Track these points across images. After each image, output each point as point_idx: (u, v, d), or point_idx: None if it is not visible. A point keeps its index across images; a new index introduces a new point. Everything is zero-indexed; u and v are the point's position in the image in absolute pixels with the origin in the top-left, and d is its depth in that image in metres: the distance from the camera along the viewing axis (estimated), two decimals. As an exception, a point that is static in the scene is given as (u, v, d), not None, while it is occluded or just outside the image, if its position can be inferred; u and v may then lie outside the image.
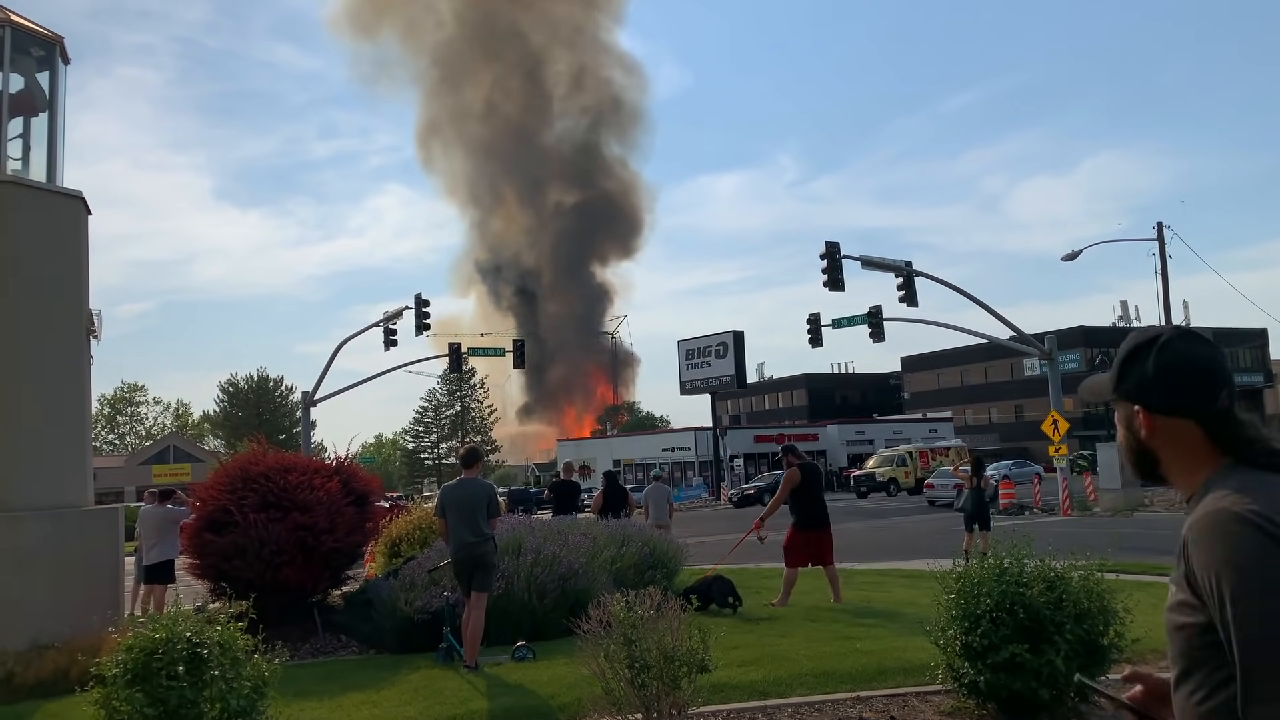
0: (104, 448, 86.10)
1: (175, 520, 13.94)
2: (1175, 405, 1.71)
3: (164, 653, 5.14)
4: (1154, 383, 1.73)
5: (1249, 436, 1.67)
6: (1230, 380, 1.71)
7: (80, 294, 11.35)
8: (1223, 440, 1.68)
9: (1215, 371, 1.71)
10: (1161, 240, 33.10)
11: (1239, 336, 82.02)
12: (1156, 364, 1.73)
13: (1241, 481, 1.62)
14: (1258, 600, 1.49)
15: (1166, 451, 1.75)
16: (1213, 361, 1.71)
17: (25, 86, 11.65)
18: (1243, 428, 1.68)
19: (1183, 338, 1.75)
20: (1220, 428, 1.68)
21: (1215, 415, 1.68)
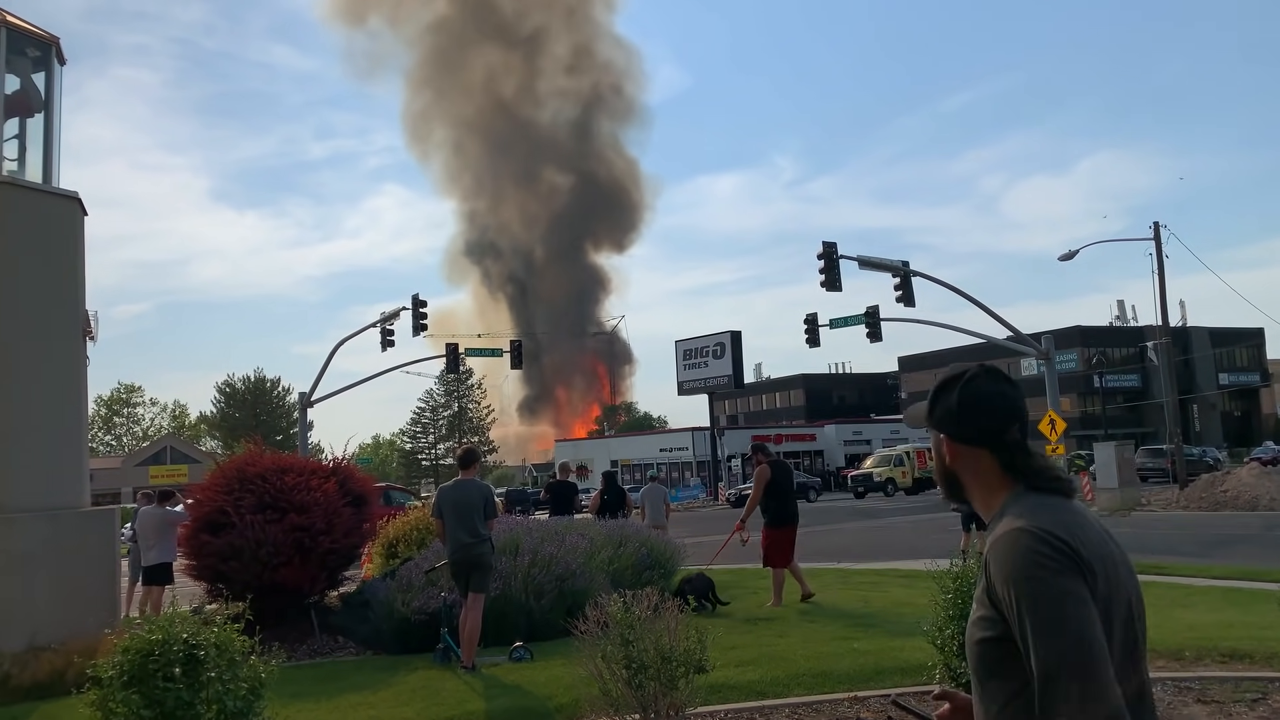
0: (101, 449, 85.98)
1: (174, 522, 13.91)
2: (972, 435, 1.89)
3: (160, 654, 5.12)
4: (956, 414, 1.90)
5: (1036, 466, 1.85)
6: (1022, 415, 1.90)
7: (76, 295, 11.33)
8: (1013, 468, 1.85)
9: (1009, 408, 1.89)
10: (1158, 240, 33.14)
11: (1235, 336, 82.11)
12: (959, 398, 1.91)
13: (1032, 504, 1.79)
14: (1048, 609, 1.63)
15: (966, 476, 1.93)
16: (1007, 399, 1.90)
17: (21, 87, 11.63)
18: (1031, 458, 1.86)
19: (984, 376, 1.93)
20: (1011, 457, 1.86)
21: (1007, 446, 1.86)
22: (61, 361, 10.88)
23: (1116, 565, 1.74)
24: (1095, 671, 1.59)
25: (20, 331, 10.51)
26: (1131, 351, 79.14)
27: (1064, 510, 1.78)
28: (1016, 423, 1.88)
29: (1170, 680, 6.94)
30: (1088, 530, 1.75)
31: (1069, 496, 1.82)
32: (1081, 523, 1.76)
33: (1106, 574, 1.71)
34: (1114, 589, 1.71)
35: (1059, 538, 1.69)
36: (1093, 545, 1.72)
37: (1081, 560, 1.68)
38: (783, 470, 12.24)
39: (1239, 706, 6.30)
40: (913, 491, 48.23)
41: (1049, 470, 1.84)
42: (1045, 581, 1.65)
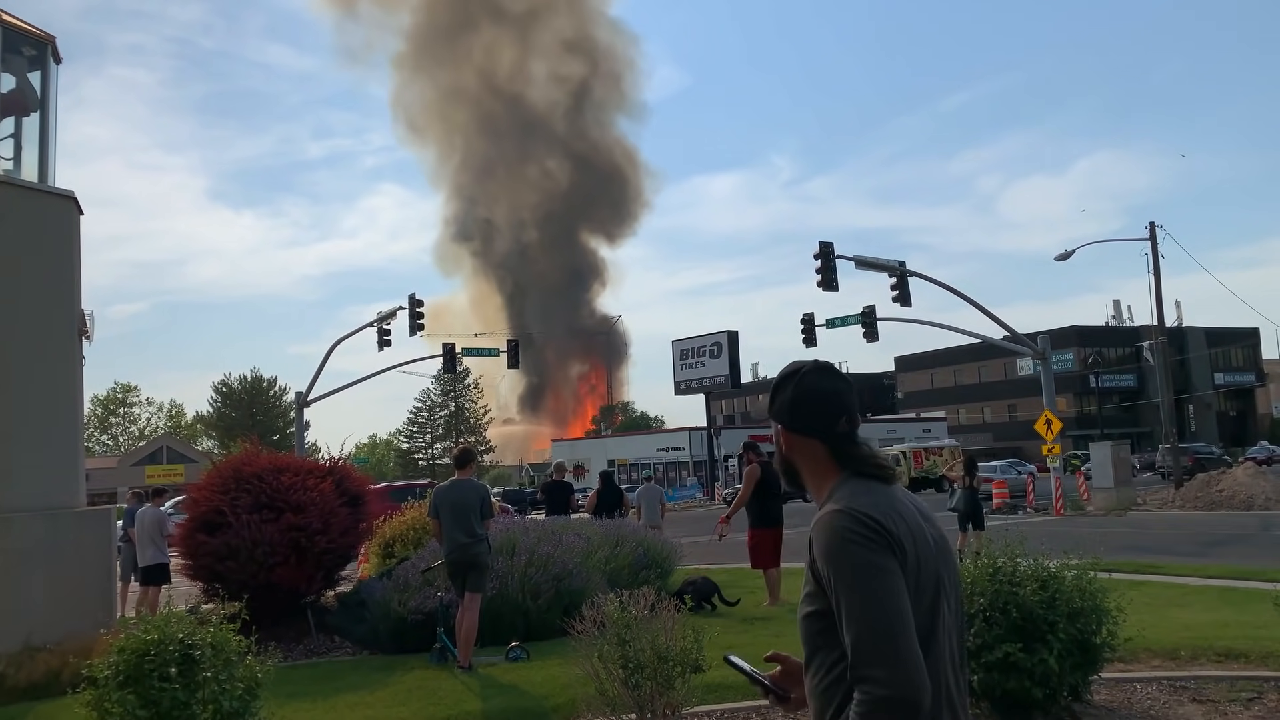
0: (97, 449, 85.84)
1: (162, 520, 13.96)
2: (805, 427, 2.06)
3: (156, 654, 5.12)
4: (790, 407, 2.08)
5: (862, 455, 2.02)
6: (851, 409, 2.07)
7: (72, 294, 11.31)
8: (841, 457, 2.02)
9: (839, 402, 2.06)
10: (1154, 240, 33.19)
11: (1231, 336, 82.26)
12: (794, 393, 2.08)
13: (853, 489, 1.97)
14: (858, 582, 1.80)
15: (801, 463, 2.09)
16: (837, 394, 2.07)
17: (17, 86, 11.61)
18: (857, 448, 2.03)
19: (816, 372, 2.10)
20: (839, 447, 2.03)
21: (836, 437, 2.04)
22: (57, 361, 10.86)
23: (928, 544, 1.91)
24: (899, 640, 1.75)
25: (16, 331, 10.49)
26: (1127, 351, 79.28)
27: (882, 494, 1.95)
28: (845, 415, 2.05)
29: (1166, 679, 6.95)
30: (902, 511, 1.92)
31: (889, 482, 2.00)
32: (896, 505, 1.94)
33: (917, 552, 1.87)
34: (923, 565, 1.87)
35: (872, 517, 1.86)
36: (905, 525, 1.89)
37: (892, 537, 1.84)
38: (773, 471, 12.24)
39: (1234, 706, 6.31)
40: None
41: (873, 458, 2.02)
42: (856, 556, 1.82)
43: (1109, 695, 6.57)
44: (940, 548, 1.96)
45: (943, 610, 1.90)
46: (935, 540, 1.96)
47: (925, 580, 1.87)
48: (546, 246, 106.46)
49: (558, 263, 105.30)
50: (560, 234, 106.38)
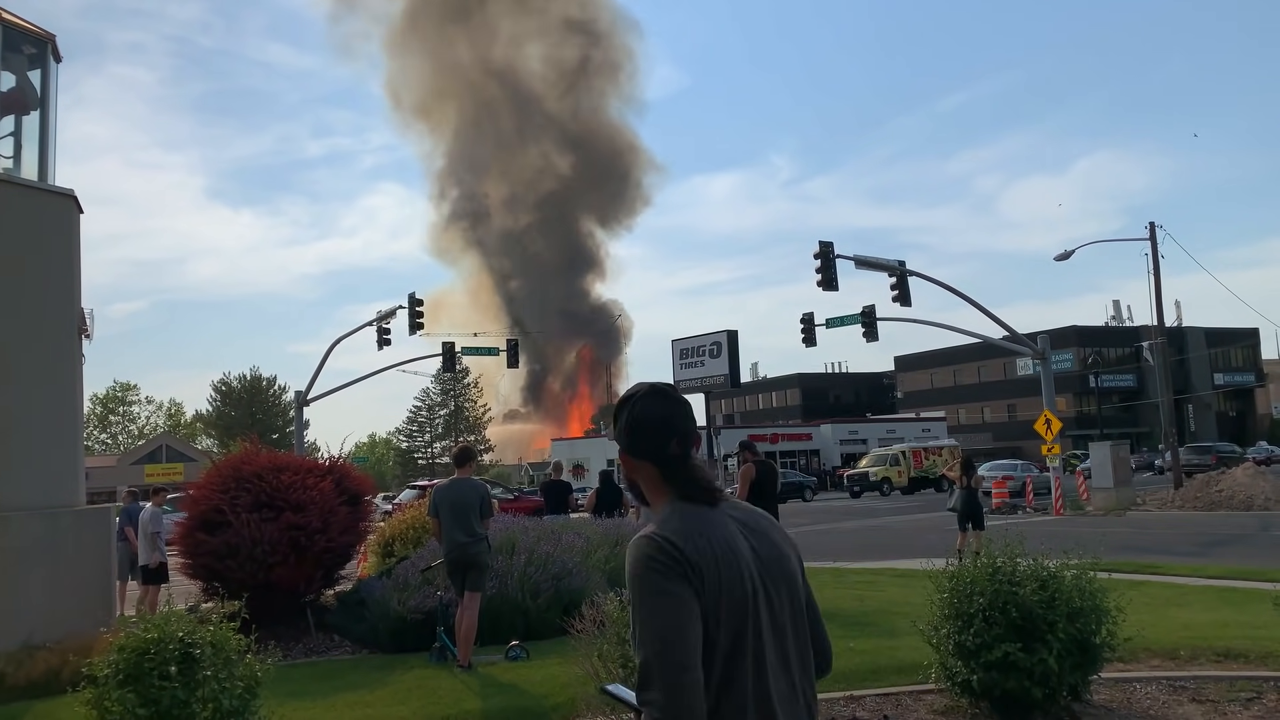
0: (96, 447, 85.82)
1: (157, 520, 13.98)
2: (638, 451, 2.11)
3: (156, 653, 5.12)
4: (625, 432, 2.13)
5: (691, 478, 2.07)
6: (681, 432, 2.10)
7: (72, 292, 11.31)
8: (672, 480, 2.07)
9: (667, 426, 2.10)
10: (1154, 240, 33.20)
11: (1230, 336, 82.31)
12: (627, 418, 2.13)
13: (669, 513, 2.03)
14: (646, 606, 1.88)
15: (642, 484, 2.14)
16: (667, 418, 2.11)
17: (16, 84, 11.61)
18: (689, 470, 2.07)
19: (648, 397, 2.14)
20: (670, 470, 2.08)
21: (666, 460, 2.08)
22: (57, 359, 10.86)
23: (739, 563, 1.96)
24: (675, 667, 1.83)
25: (15, 329, 10.48)
26: (1127, 351, 79.33)
27: (696, 518, 2.00)
28: (676, 438, 2.09)
29: (1165, 679, 6.96)
30: (713, 535, 1.97)
31: (713, 504, 2.04)
32: (710, 529, 1.98)
33: (721, 574, 1.92)
34: (729, 587, 1.92)
35: (672, 543, 1.92)
36: (712, 549, 1.94)
37: (689, 564, 1.90)
38: (767, 470, 12.25)
39: (1234, 706, 6.31)
40: (908, 491, 48.27)
41: (700, 482, 2.07)
42: (648, 582, 1.90)
43: (1108, 695, 6.57)
44: (770, 562, 2.02)
45: (762, 627, 1.96)
46: (765, 557, 2.02)
47: (734, 601, 1.92)
48: (544, 230, 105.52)
49: (555, 246, 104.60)
50: (558, 217, 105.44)
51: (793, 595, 2.07)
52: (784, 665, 2.00)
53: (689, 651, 1.85)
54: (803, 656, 2.07)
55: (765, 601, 1.98)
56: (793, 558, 2.11)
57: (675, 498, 2.06)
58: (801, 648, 2.07)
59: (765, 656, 1.96)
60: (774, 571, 2.03)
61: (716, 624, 1.90)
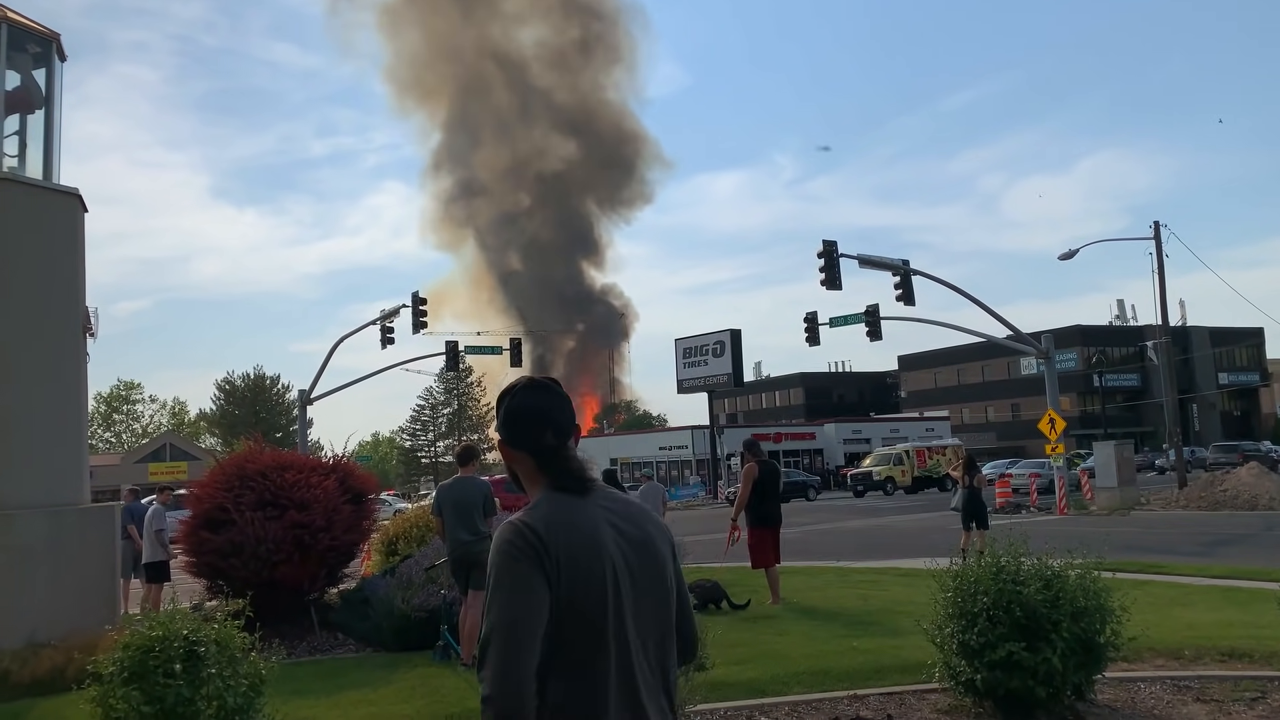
0: (100, 446, 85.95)
1: (160, 518, 14.05)
2: (515, 441, 2.20)
3: (161, 651, 5.13)
4: (503, 424, 2.23)
5: (564, 468, 2.15)
6: (556, 423, 2.19)
7: (76, 291, 11.33)
8: (547, 470, 2.16)
9: (542, 418, 2.19)
10: (1158, 239, 33.14)
11: (1235, 335, 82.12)
12: (504, 411, 2.24)
13: (538, 500, 2.13)
14: (496, 588, 1.99)
15: (519, 473, 2.23)
16: (543, 410, 2.20)
17: (21, 83, 11.62)
18: (562, 461, 2.16)
19: (525, 389, 2.25)
20: (544, 460, 2.17)
21: (541, 450, 2.17)
22: (61, 358, 10.88)
23: (602, 552, 2.04)
24: (509, 648, 1.93)
25: (20, 328, 10.51)
26: (1131, 351, 79.19)
27: (563, 506, 2.09)
28: (550, 430, 2.18)
29: (1169, 679, 6.95)
30: (579, 523, 2.06)
31: (584, 495, 2.13)
32: (574, 517, 2.07)
33: (579, 563, 2.01)
34: (588, 577, 2.00)
35: (533, 529, 2.02)
36: (575, 536, 2.03)
37: (546, 550, 1.99)
38: (770, 470, 12.28)
39: (1238, 705, 6.30)
40: (912, 490, 48.23)
41: (572, 473, 2.15)
42: (503, 566, 2.00)
43: (1113, 694, 6.57)
44: (638, 550, 2.11)
45: (625, 612, 2.05)
46: (633, 545, 2.11)
47: (592, 587, 2.01)
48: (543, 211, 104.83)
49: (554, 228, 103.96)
50: (557, 199, 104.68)
51: (659, 583, 2.15)
52: (644, 648, 2.08)
53: (527, 635, 1.95)
54: (664, 641, 2.15)
55: (630, 588, 2.06)
56: (664, 548, 2.18)
57: (548, 487, 2.14)
58: (664, 633, 2.15)
59: (627, 639, 2.04)
60: (641, 560, 2.11)
61: (572, 608, 1.99)
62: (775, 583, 11.72)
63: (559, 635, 1.98)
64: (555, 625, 1.98)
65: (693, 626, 2.30)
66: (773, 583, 11.71)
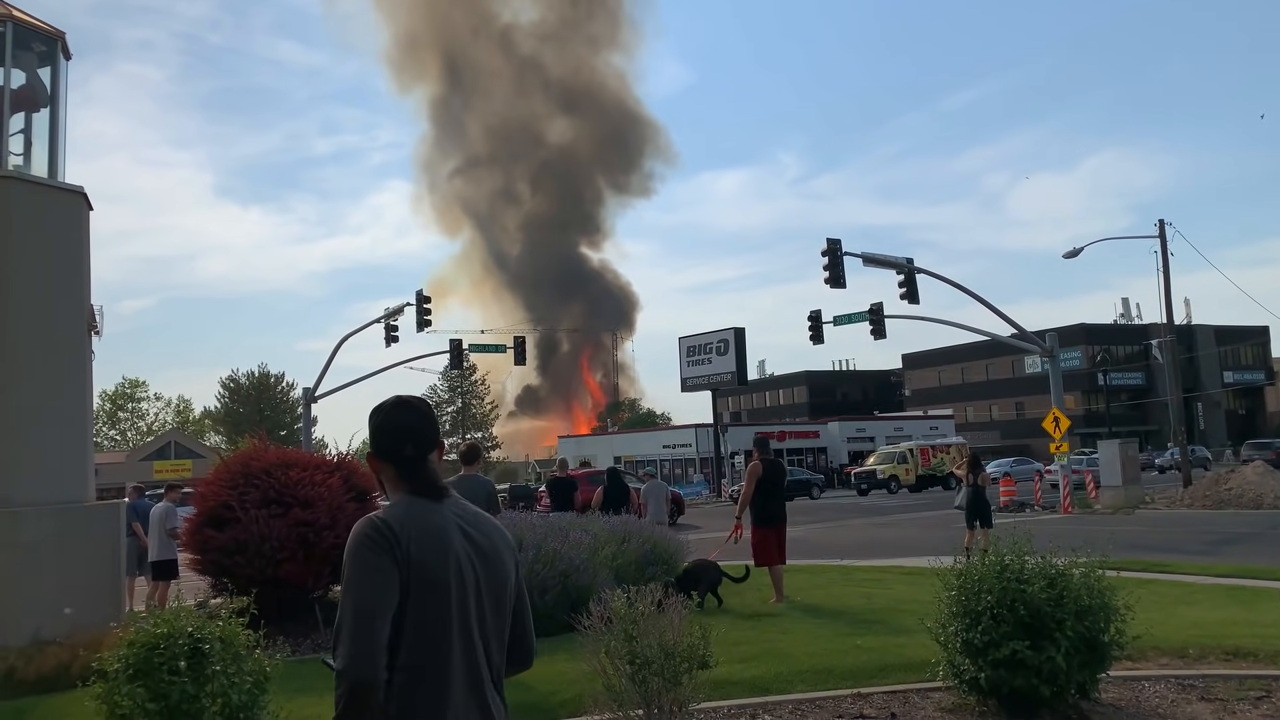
0: (105, 444, 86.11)
1: (171, 515, 14.03)
2: (380, 453, 2.45)
3: (165, 648, 5.14)
4: (372, 437, 2.47)
5: (422, 477, 2.41)
6: (418, 437, 2.44)
7: (81, 289, 11.35)
8: (407, 478, 2.41)
9: (406, 433, 2.44)
10: (1163, 238, 33.07)
11: (1240, 334, 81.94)
12: (373, 426, 2.47)
13: (395, 502, 2.39)
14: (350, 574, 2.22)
15: (385, 481, 2.47)
16: (406, 427, 2.45)
17: (27, 82, 11.64)
18: (420, 471, 2.41)
19: (393, 408, 2.49)
20: (405, 470, 2.42)
21: (402, 461, 2.42)
22: (66, 356, 10.90)
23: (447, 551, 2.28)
24: (361, 626, 2.14)
25: (25, 326, 10.53)
26: (1136, 349, 79.03)
27: (416, 508, 2.34)
28: (412, 443, 2.43)
29: (1174, 678, 6.94)
30: (427, 523, 2.31)
31: (437, 500, 2.39)
32: (425, 518, 2.32)
33: (426, 558, 2.24)
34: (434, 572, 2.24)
35: (385, 522, 2.26)
36: (422, 533, 2.27)
37: (397, 542, 2.23)
38: (775, 469, 12.28)
39: (1242, 704, 6.29)
40: (916, 489, 48.16)
41: (428, 482, 2.41)
42: (358, 554, 2.22)
43: (1117, 693, 6.56)
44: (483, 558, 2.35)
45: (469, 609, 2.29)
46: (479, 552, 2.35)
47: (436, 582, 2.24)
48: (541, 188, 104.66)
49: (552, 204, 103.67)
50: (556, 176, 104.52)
51: (501, 592, 2.39)
52: (484, 645, 2.32)
53: (378, 616, 2.16)
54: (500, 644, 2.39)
55: (473, 589, 2.31)
56: (508, 559, 2.44)
57: (407, 492, 2.39)
58: (499, 634, 2.39)
59: (471, 632, 2.29)
60: (486, 568, 2.37)
61: (418, 599, 2.21)
62: (779, 581, 11.72)
63: (407, 619, 2.20)
64: (404, 610, 2.20)
65: (531, 637, 2.54)
66: (776, 581, 11.71)
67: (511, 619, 2.44)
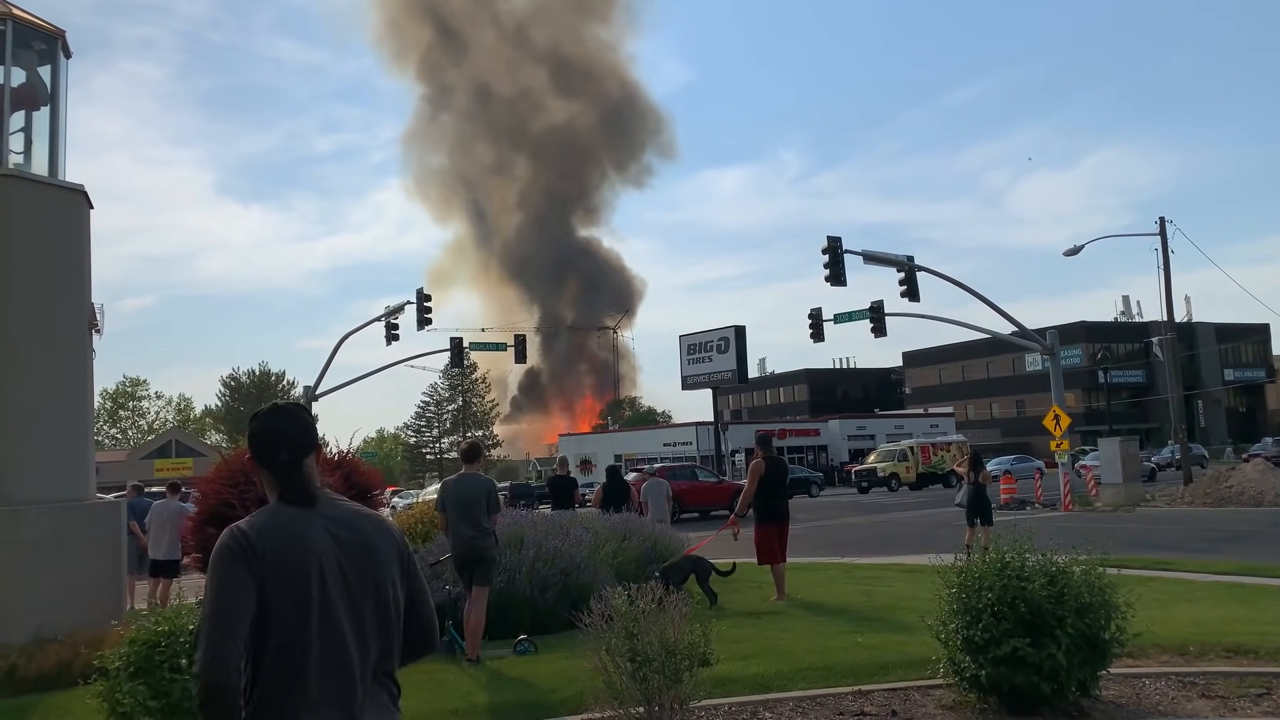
0: (106, 442, 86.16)
1: (184, 515, 14.04)
2: (257, 457, 2.53)
3: (166, 646, 5.15)
4: (249, 441, 2.55)
5: (293, 483, 2.48)
6: (290, 443, 2.49)
7: (82, 288, 11.35)
8: (280, 483, 2.48)
9: (279, 439, 2.50)
10: (1164, 235, 33.05)
11: (1241, 332, 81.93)
12: (250, 431, 2.56)
13: (266, 509, 2.47)
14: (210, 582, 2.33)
15: (263, 484, 2.54)
16: (279, 432, 2.51)
17: (27, 80, 11.64)
18: (293, 476, 2.48)
19: (268, 414, 2.57)
20: (278, 475, 2.49)
21: (276, 466, 2.49)
22: (67, 355, 10.90)
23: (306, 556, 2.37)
24: (215, 632, 2.25)
25: (26, 324, 10.53)
26: (1136, 347, 79.03)
27: (279, 516, 2.43)
28: (284, 450, 2.49)
29: (1174, 675, 6.94)
30: (289, 530, 2.39)
31: (305, 506, 2.46)
32: (288, 525, 2.41)
33: (287, 563, 2.34)
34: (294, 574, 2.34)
35: (244, 534, 2.36)
36: (282, 541, 2.36)
37: (254, 552, 2.32)
38: (777, 466, 12.28)
39: (1243, 701, 6.29)
40: (916, 487, 48.14)
41: (298, 487, 2.48)
42: (216, 564, 2.34)
43: (1117, 691, 6.56)
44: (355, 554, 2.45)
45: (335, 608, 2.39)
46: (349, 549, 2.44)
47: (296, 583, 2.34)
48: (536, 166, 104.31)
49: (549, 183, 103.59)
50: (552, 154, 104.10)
51: (378, 583, 2.48)
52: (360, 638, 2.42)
53: (233, 622, 2.26)
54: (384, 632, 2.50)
55: (342, 586, 2.40)
56: (385, 551, 2.52)
57: (278, 498, 2.47)
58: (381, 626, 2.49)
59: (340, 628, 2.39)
60: (356, 564, 2.45)
61: (278, 599, 2.31)
62: (780, 579, 11.73)
63: (266, 623, 2.30)
64: (265, 616, 2.30)
65: (429, 617, 2.67)
66: (778, 579, 11.72)
67: (405, 604, 2.56)
